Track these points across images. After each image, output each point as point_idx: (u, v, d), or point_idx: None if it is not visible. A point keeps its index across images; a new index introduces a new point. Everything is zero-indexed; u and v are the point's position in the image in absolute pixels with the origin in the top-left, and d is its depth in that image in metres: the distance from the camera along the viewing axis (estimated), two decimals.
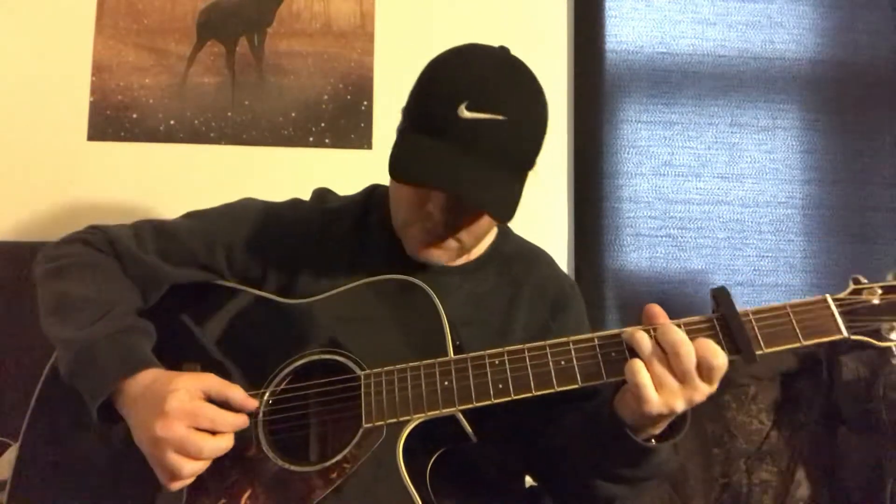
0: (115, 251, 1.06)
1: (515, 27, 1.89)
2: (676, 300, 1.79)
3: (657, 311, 0.85)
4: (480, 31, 1.86)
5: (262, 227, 1.11)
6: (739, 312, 0.83)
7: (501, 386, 0.87)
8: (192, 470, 0.85)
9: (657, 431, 0.86)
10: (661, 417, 0.83)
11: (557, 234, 1.84)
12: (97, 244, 1.06)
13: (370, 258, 1.09)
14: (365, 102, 1.80)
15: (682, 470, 1.54)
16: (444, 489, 0.96)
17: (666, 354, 0.80)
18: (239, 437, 0.91)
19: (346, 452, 0.90)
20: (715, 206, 1.86)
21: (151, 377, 0.89)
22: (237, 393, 0.91)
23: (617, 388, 0.87)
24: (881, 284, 0.84)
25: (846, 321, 0.82)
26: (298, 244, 1.10)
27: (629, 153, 1.85)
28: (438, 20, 1.82)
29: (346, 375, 0.94)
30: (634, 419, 0.85)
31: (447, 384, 0.89)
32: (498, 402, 0.87)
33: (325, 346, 0.97)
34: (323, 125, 1.79)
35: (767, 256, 1.85)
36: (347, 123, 1.79)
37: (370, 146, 1.79)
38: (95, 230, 1.10)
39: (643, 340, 0.82)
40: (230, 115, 1.79)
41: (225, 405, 0.89)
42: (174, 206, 1.77)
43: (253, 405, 0.92)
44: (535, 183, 1.83)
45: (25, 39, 1.77)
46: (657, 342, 0.82)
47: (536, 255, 1.20)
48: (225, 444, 0.87)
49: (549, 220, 1.84)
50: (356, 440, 0.90)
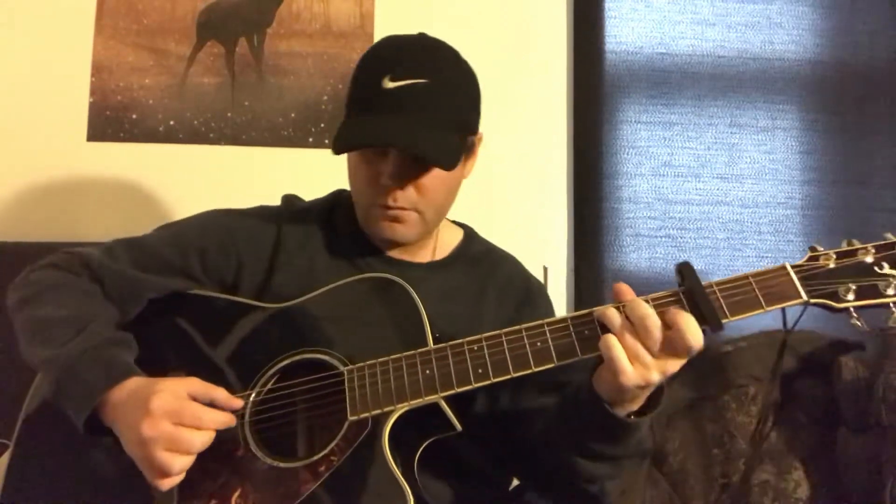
0: (89, 270, 1.06)
1: (515, 27, 1.89)
2: None
3: (625, 288, 0.88)
4: (480, 31, 1.86)
5: (231, 230, 1.13)
6: (704, 285, 0.87)
7: (481, 371, 0.90)
8: (181, 465, 0.85)
9: (635, 407, 0.89)
10: (638, 390, 0.85)
11: (557, 234, 1.84)
12: (69, 266, 1.07)
13: (341, 256, 1.13)
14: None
15: (682, 470, 1.54)
16: (431, 481, 0.98)
17: (636, 328, 0.83)
18: (227, 438, 0.91)
19: (332, 445, 0.91)
20: (714, 206, 1.86)
21: (134, 385, 0.90)
22: (221, 394, 0.92)
23: (594, 368, 0.90)
24: (836, 250, 0.87)
25: (805, 286, 0.85)
26: (268, 244, 1.13)
27: (629, 154, 1.85)
28: (438, 20, 1.82)
29: (330, 373, 0.95)
30: (612, 395, 0.87)
31: (428, 373, 0.91)
32: (478, 385, 0.90)
33: (308, 345, 0.99)
34: (323, 125, 1.79)
35: (767, 257, 1.85)
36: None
37: None
38: (67, 253, 1.10)
39: (613, 316, 0.85)
40: (230, 115, 1.79)
41: (209, 406, 0.90)
42: (174, 206, 1.77)
43: (237, 404, 0.93)
44: (535, 183, 1.84)
45: (25, 39, 1.77)
46: (627, 317, 0.85)
47: (502, 256, 1.24)
48: (210, 436, 0.88)
49: (549, 220, 1.84)
50: (342, 433, 0.91)
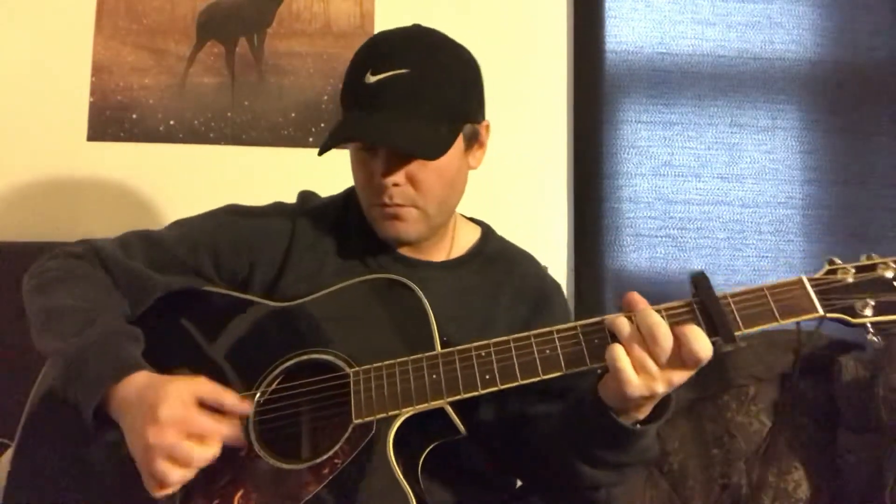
0: (102, 262, 1.06)
1: (515, 27, 1.89)
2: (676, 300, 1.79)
3: (636, 298, 0.87)
4: (480, 31, 1.86)
5: (245, 228, 1.13)
6: (718, 296, 0.85)
7: (488, 376, 0.89)
8: (179, 477, 0.84)
9: (641, 416, 0.88)
10: (643, 400, 0.84)
11: (557, 234, 1.84)
12: (83, 256, 1.07)
13: (354, 253, 1.12)
14: None
15: (682, 470, 1.54)
16: (435, 485, 0.98)
17: (644, 338, 0.82)
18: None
19: (336, 448, 0.90)
20: (715, 206, 1.86)
21: (143, 381, 0.89)
22: (230, 398, 0.90)
23: (600, 375, 0.89)
24: (854, 264, 0.86)
25: (821, 300, 0.84)
26: (282, 243, 1.12)
27: (629, 153, 1.85)
28: (438, 20, 1.81)
29: (335, 374, 0.95)
30: (617, 403, 0.86)
31: (435, 377, 0.90)
32: (485, 391, 0.88)
33: (314, 346, 0.98)
34: (323, 125, 1.79)
35: (767, 257, 1.85)
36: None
37: None
38: (82, 242, 1.10)
39: (623, 325, 0.84)
40: (230, 115, 1.79)
41: (219, 410, 0.89)
42: (174, 206, 1.77)
43: (247, 408, 0.92)
44: (535, 183, 1.84)
45: (25, 39, 1.77)
46: (637, 327, 0.83)
47: (519, 255, 1.22)
48: (213, 452, 0.86)
49: (549, 220, 1.84)
50: (346, 436, 0.91)
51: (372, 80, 0.98)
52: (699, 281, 0.87)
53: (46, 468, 0.98)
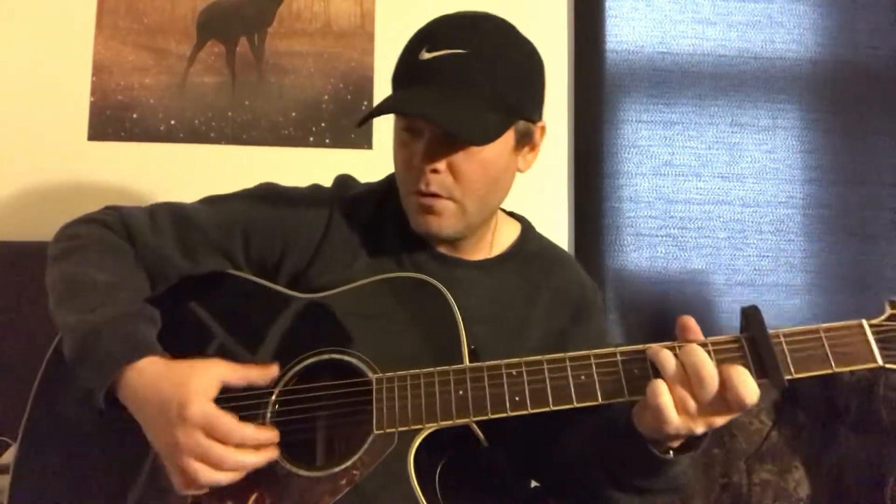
0: (130, 236, 1.04)
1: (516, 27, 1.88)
2: (677, 300, 1.79)
3: (691, 325, 0.82)
4: None
5: (280, 212, 1.08)
6: (770, 334, 0.80)
7: (518, 398, 0.85)
8: (208, 478, 0.82)
9: (675, 445, 0.84)
10: (679, 436, 0.81)
11: (557, 233, 1.84)
12: (113, 226, 1.04)
13: (388, 247, 1.07)
14: (365, 102, 1.80)
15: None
16: (453, 492, 0.94)
17: (689, 377, 0.78)
18: None
19: (355, 459, 0.88)
20: (715, 205, 1.86)
21: (157, 369, 0.87)
22: (253, 372, 0.89)
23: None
24: None
25: (881, 349, 0.79)
26: (316, 232, 1.07)
27: (629, 153, 1.85)
28: None
29: (357, 378, 0.92)
30: (652, 433, 0.82)
31: (462, 393, 0.86)
32: (514, 414, 0.85)
33: (336, 344, 0.95)
34: (323, 125, 1.79)
35: (768, 256, 1.85)
36: (348, 123, 1.79)
37: (370, 146, 1.79)
38: (112, 210, 1.07)
39: (668, 361, 0.79)
40: (230, 114, 1.79)
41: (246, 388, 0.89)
42: None
43: (272, 374, 0.90)
44: (535, 183, 1.84)
45: (25, 39, 1.77)
46: (681, 364, 0.79)
47: (559, 256, 1.17)
48: (249, 458, 0.84)
49: (549, 220, 1.84)
50: (366, 447, 0.88)
51: (426, 56, 0.93)
52: (751, 315, 0.81)
53: (50, 464, 0.97)
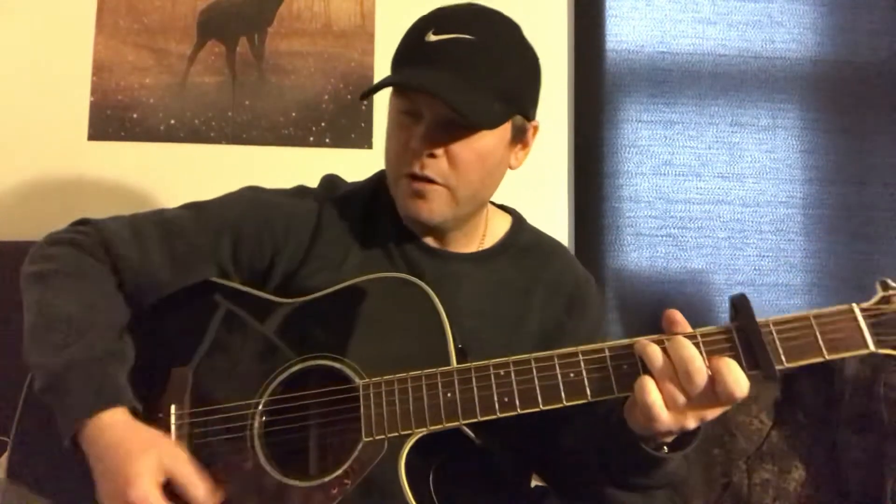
0: (109, 256, 1.00)
1: None
2: (677, 300, 1.79)
3: (677, 318, 0.81)
4: None
5: (268, 216, 1.06)
6: (759, 323, 0.78)
7: (507, 399, 0.83)
8: None
9: (669, 439, 0.83)
10: (671, 432, 0.80)
11: (558, 234, 1.83)
12: (88, 247, 1.01)
13: (379, 244, 1.06)
14: (365, 102, 1.80)
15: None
16: (448, 491, 0.93)
17: (677, 371, 0.76)
18: (234, 449, 0.88)
19: (346, 467, 0.87)
20: (715, 205, 1.86)
21: (118, 432, 0.86)
22: (200, 491, 0.85)
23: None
24: None
25: (873, 333, 0.76)
26: (305, 233, 1.05)
27: (629, 153, 1.85)
28: None
29: (343, 385, 0.90)
30: (644, 430, 0.81)
31: (450, 396, 0.85)
32: (504, 416, 0.84)
33: (321, 349, 0.93)
34: (323, 125, 1.79)
35: (767, 256, 1.85)
36: (348, 123, 1.79)
37: (370, 146, 1.79)
38: (88, 227, 1.04)
39: (655, 356, 0.78)
40: (230, 114, 1.79)
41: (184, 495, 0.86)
42: (175, 205, 1.76)
43: (215, 499, 0.87)
44: (535, 183, 1.83)
45: (25, 39, 1.76)
46: (669, 359, 0.77)
47: (553, 247, 1.16)
48: None
49: (549, 220, 1.84)
50: (356, 454, 0.87)
51: (433, 38, 0.93)
52: (740, 304, 0.79)
53: (42, 464, 0.96)
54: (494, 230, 1.12)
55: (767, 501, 1.47)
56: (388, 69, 1.01)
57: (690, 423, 0.77)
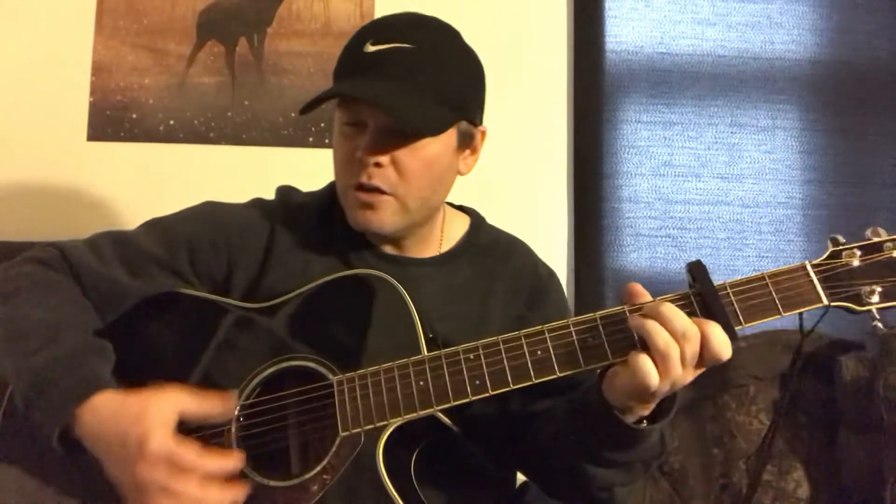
0: (72, 269, 1.01)
1: (515, 27, 1.89)
2: None
3: (639, 290, 0.83)
4: (480, 30, 1.86)
5: (223, 226, 1.07)
6: (717, 286, 0.81)
7: (479, 382, 0.85)
8: None
9: (646, 412, 0.85)
10: (649, 397, 0.81)
11: (557, 234, 1.84)
12: (51, 262, 1.01)
13: (338, 251, 1.06)
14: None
15: (682, 470, 1.54)
16: (431, 480, 0.94)
17: (675, 338, 0.77)
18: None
19: (325, 463, 0.87)
20: (715, 206, 1.86)
21: (113, 405, 0.85)
22: (212, 402, 0.86)
23: (603, 373, 0.85)
24: (860, 244, 0.81)
25: (825, 288, 0.80)
26: (259, 244, 1.06)
27: (629, 153, 1.85)
28: None
29: (318, 383, 0.91)
30: (622, 402, 0.83)
31: (422, 384, 0.86)
32: (477, 398, 0.85)
33: (293, 352, 0.94)
34: (323, 125, 1.79)
35: (767, 257, 1.85)
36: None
37: None
38: (49, 247, 1.05)
39: (654, 328, 0.78)
40: (230, 115, 1.79)
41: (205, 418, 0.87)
42: (174, 205, 1.75)
43: (230, 407, 0.89)
44: (535, 183, 1.84)
45: (25, 39, 1.77)
46: (665, 326, 0.78)
47: (511, 244, 1.16)
48: (213, 494, 0.81)
49: (549, 220, 1.84)
50: (334, 449, 0.87)
51: (371, 49, 0.93)
52: (696, 270, 0.82)
53: (26, 470, 0.94)
54: (452, 233, 1.12)
55: (767, 502, 1.47)
56: None
57: (673, 385, 0.79)
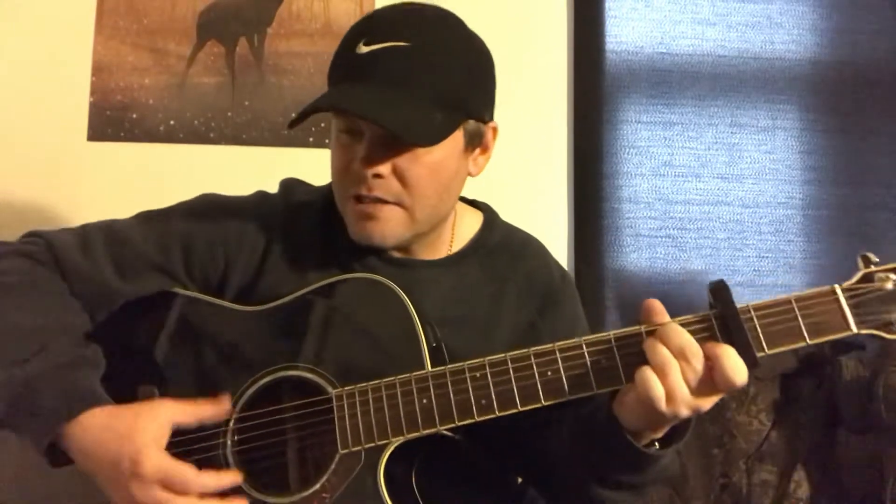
0: (59, 265, 0.95)
1: (515, 27, 1.89)
2: (677, 300, 1.79)
3: (657, 307, 0.79)
4: (479, 30, 1.86)
5: (221, 223, 1.01)
6: (739, 309, 0.76)
7: (485, 402, 0.81)
8: None
9: (659, 435, 0.81)
10: (661, 419, 0.78)
11: (557, 234, 1.84)
12: (38, 257, 0.96)
13: (339, 253, 1.00)
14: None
15: (682, 470, 1.54)
16: (434, 492, 0.90)
17: (677, 360, 0.74)
18: (209, 467, 0.85)
19: (323, 481, 0.84)
20: (715, 206, 1.86)
21: (102, 421, 0.83)
22: (205, 408, 0.85)
23: (613, 391, 0.81)
24: (894, 266, 0.76)
25: (855, 314, 0.74)
26: (259, 244, 1.01)
27: (629, 153, 1.85)
28: None
29: (316, 397, 0.88)
30: (633, 424, 0.80)
31: (426, 402, 0.82)
32: (483, 419, 0.82)
33: (290, 359, 0.90)
34: (323, 125, 1.79)
35: (767, 257, 1.85)
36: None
37: None
38: (35, 238, 0.99)
39: (653, 347, 0.75)
40: (230, 115, 1.79)
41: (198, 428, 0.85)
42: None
43: (225, 408, 0.87)
44: (535, 183, 1.83)
45: (25, 39, 1.76)
46: (667, 346, 0.75)
47: (524, 244, 1.10)
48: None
49: (549, 220, 1.84)
50: (333, 467, 0.84)
51: (364, 50, 0.87)
52: (719, 291, 0.77)
53: (19, 468, 0.94)
54: (463, 232, 1.06)
55: (767, 502, 1.47)
56: None
57: (685, 411, 0.75)
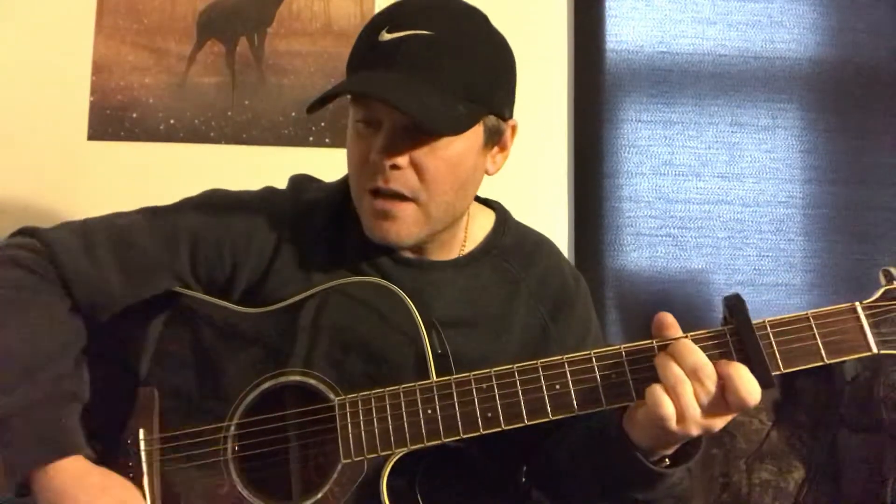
0: (58, 269, 0.92)
1: (515, 27, 1.87)
2: (677, 300, 1.79)
3: (668, 321, 0.77)
4: None
5: (229, 222, 0.98)
6: (755, 325, 0.73)
7: (490, 415, 0.79)
8: None
9: (669, 452, 0.80)
10: (671, 437, 0.76)
11: (557, 234, 1.83)
12: (33, 265, 0.92)
13: (349, 255, 0.98)
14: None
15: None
16: (437, 496, 0.89)
17: (688, 377, 0.72)
18: (209, 473, 0.85)
19: (325, 490, 0.83)
20: (715, 205, 1.86)
21: (70, 477, 0.82)
22: None
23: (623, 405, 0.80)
24: None
25: (876, 334, 0.72)
26: (268, 243, 0.98)
27: (629, 153, 1.85)
28: None
29: (319, 405, 0.86)
30: (643, 440, 0.78)
31: (430, 413, 0.80)
32: (488, 432, 0.80)
33: (293, 364, 0.88)
34: (323, 124, 1.79)
35: (767, 256, 1.85)
36: (348, 123, 1.79)
37: None
38: (31, 239, 0.95)
39: (664, 364, 0.73)
40: (230, 114, 1.79)
41: None
42: None
43: None
44: (535, 182, 1.83)
45: (25, 39, 1.76)
46: (678, 363, 0.73)
47: (538, 245, 1.08)
48: None
49: (549, 219, 1.84)
50: (335, 477, 0.83)
51: (387, 37, 0.84)
52: (734, 306, 0.74)
53: None
54: (475, 232, 1.04)
55: (767, 502, 1.47)
56: None
57: (695, 430, 0.74)
